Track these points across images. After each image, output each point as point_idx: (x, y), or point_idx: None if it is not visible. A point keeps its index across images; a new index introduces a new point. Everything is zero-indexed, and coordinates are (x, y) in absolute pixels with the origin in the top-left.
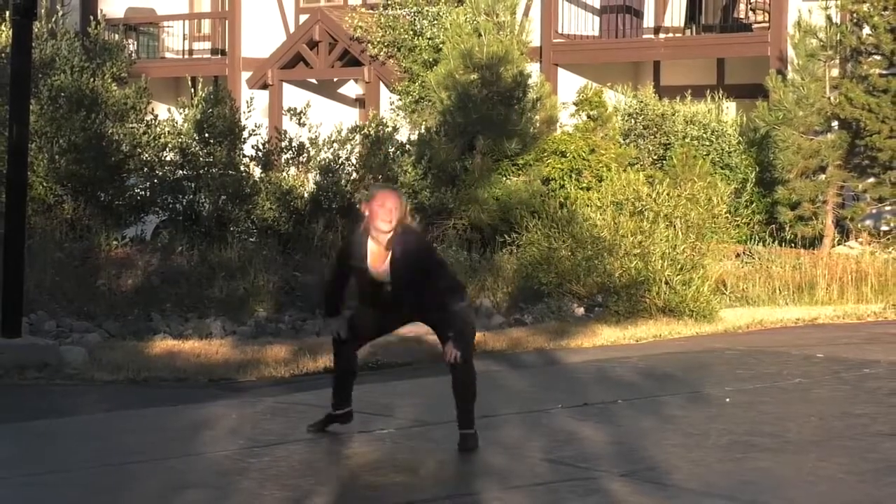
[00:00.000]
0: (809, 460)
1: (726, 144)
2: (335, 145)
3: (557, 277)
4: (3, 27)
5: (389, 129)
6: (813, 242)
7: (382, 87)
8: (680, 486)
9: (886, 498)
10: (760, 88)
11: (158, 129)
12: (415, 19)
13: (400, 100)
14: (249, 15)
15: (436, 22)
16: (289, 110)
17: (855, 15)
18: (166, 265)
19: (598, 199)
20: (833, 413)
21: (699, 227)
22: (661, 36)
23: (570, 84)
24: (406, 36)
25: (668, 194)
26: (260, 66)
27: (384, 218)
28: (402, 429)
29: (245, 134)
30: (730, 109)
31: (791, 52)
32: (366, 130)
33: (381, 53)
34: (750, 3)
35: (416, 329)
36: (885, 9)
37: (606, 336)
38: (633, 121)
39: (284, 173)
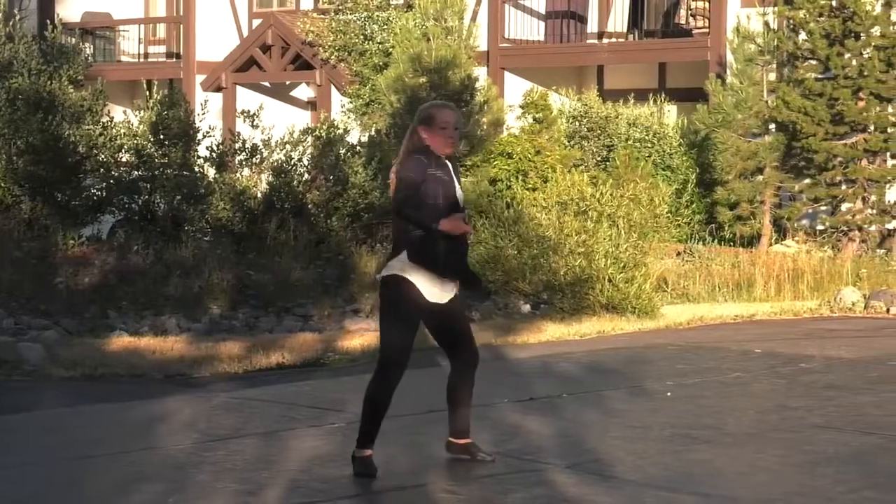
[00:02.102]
0: (747, 452)
1: (667, 146)
2: (287, 147)
3: (504, 275)
4: None
5: (340, 131)
6: (751, 241)
7: (334, 90)
8: (622, 478)
9: (821, 488)
10: (700, 92)
11: (114, 130)
12: (365, 24)
13: (351, 102)
14: (204, 19)
15: (386, 27)
16: (242, 112)
17: (791, 21)
18: (122, 264)
19: (544, 199)
20: (770, 406)
21: (641, 227)
22: (605, 41)
23: (516, 87)
24: (357, 40)
25: (611, 195)
26: (214, 70)
27: (451, 139)
28: (353, 423)
29: (199, 136)
30: (671, 112)
31: (730, 57)
32: (317, 132)
33: (333, 57)
34: (690, 10)
35: (365, 325)
36: (821, 15)
37: (551, 332)
38: (577, 123)
39: (238, 174)
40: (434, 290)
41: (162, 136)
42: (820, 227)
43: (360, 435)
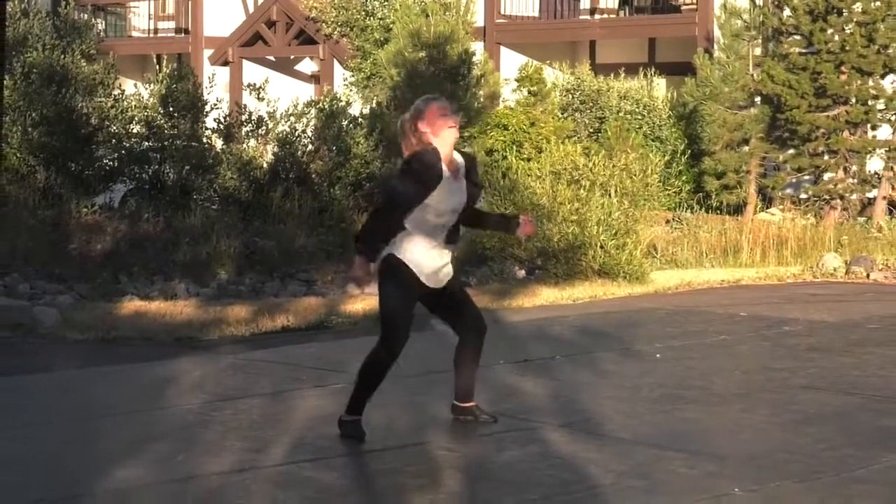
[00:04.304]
0: (734, 412)
1: (657, 118)
2: (292, 119)
3: (500, 242)
4: None
5: (343, 103)
6: (737, 209)
7: (336, 64)
8: (613, 436)
9: (804, 445)
10: (689, 66)
11: (125, 103)
12: (366, 0)
13: (353, 76)
14: None
15: (386, 3)
16: (248, 86)
17: None
18: (134, 231)
19: (538, 169)
20: (755, 368)
21: (632, 196)
22: (597, 17)
23: (511, 62)
24: (358, 16)
25: (603, 165)
26: (221, 45)
27: (452, 121)
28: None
29: (207, 108)
30: (660, 86)
31: (717, 33)
32: (321, 105)
33: (335, 33)
34: None
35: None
36: None
37: (545, 297)
38: (570, 96)
39: (244, 145)
40: (430, 276)
41: (171, 109)
42: (803, 196)
43: (351, 402)
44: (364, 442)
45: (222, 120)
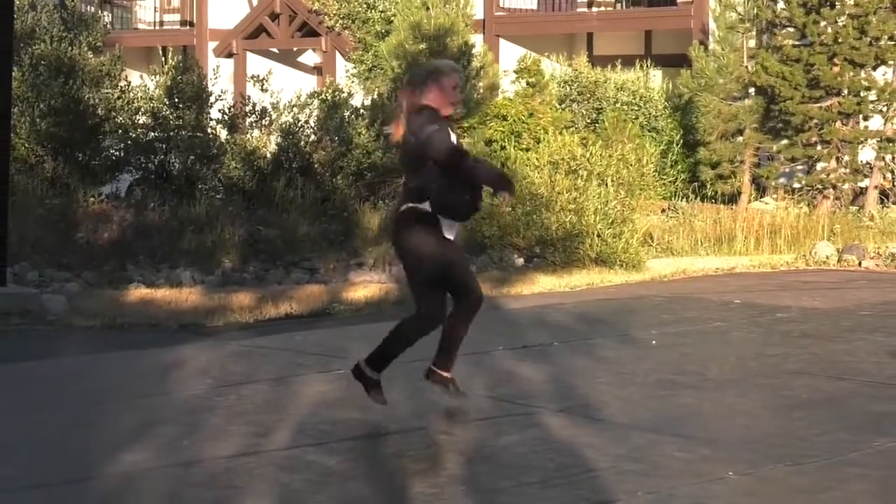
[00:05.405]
0: (728, 397)
1: (653, 109)
2: (295, 110)
3: (499, 231)
4: None
5: (345, 94)
6: (732, 199)
7: (338, 56)
8: (610, 421)
9: (797, 430)
10: (684, 58)
11: (132, 94)
12: None
13: (354, 68)
14: None
15: None
16: (252, 77)
17: None
18: (140, 220)
19: (537, 159)
20: (749, 354)
21: (629, 185)
22: (594, 10)
23: (510, 54)
24: (360, 9)
25: (600, 155)
26: (225, 37)
27: (457, 98)
28: None
29: (212, 99)
30: (656, 77)
31: (712, 25)
32: (323, 96)
33: (337, 25)
34: None
35: (372, 276)
36: None
37: (544, 284)
38: (568, 87)
39: (248, 135)
40: (449, 228)
41: (176, 100)
42: (796, 186)
43: (376, 355)
44: (386, 404)
45: (227, 111)
